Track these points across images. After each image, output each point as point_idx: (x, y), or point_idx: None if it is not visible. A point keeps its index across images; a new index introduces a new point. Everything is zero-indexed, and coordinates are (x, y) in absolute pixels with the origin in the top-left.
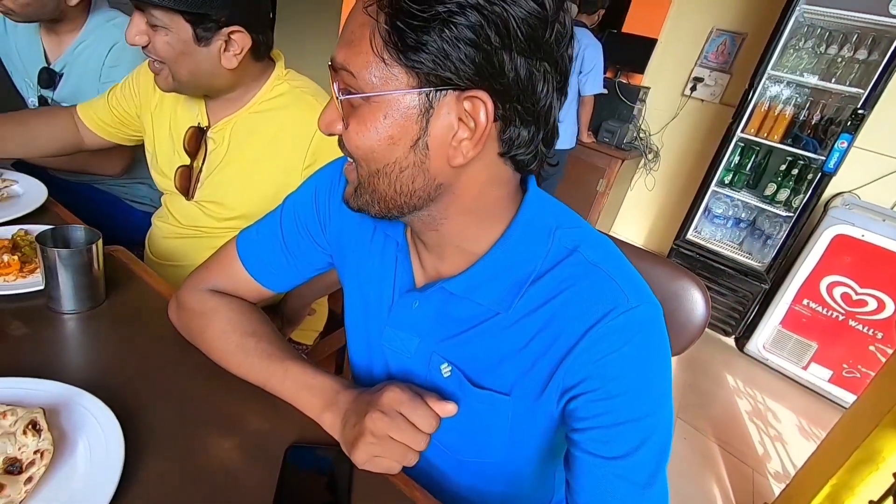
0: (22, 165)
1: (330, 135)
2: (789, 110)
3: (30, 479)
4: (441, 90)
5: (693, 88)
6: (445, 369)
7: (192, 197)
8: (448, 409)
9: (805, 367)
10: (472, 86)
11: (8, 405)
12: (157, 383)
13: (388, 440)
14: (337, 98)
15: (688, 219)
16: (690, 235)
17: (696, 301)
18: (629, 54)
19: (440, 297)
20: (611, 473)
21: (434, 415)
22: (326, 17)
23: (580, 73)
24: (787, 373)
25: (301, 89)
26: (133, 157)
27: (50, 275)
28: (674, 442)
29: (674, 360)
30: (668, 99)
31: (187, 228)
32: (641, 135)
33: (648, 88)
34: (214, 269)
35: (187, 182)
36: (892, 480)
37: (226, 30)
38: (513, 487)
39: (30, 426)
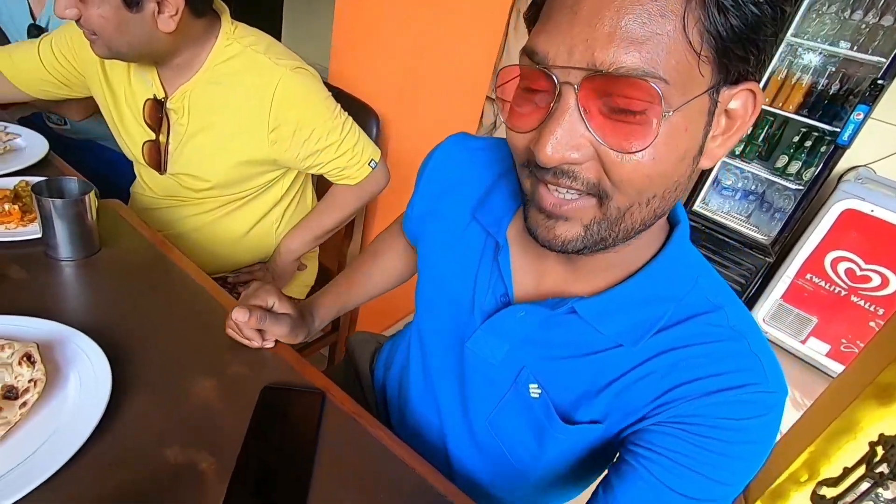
0: (25, 120)
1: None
2: (807, 79)
3: (24, 404)
4: (727, 86)
5: None
6: (535, 390)
7: (165, 171)
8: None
9: (804, 341)
10: (751, 75)
11: (6, 339)
12: (146, 328)
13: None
14: (655, 120)
15: (695, 190)
16: (697, 207)
17: None
18: None
19: (555, 313)
20: (661, 499)
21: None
22: None
23: None
24: (786, 346)
25: (252, 48)
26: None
27: (46, 224)
28: None
29: None
30: None
31: (165, 199)
32: None
33: None
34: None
35: (157, 157)
36: (867, 449)
37: None
38: (526, 488)
39: (25, 358)
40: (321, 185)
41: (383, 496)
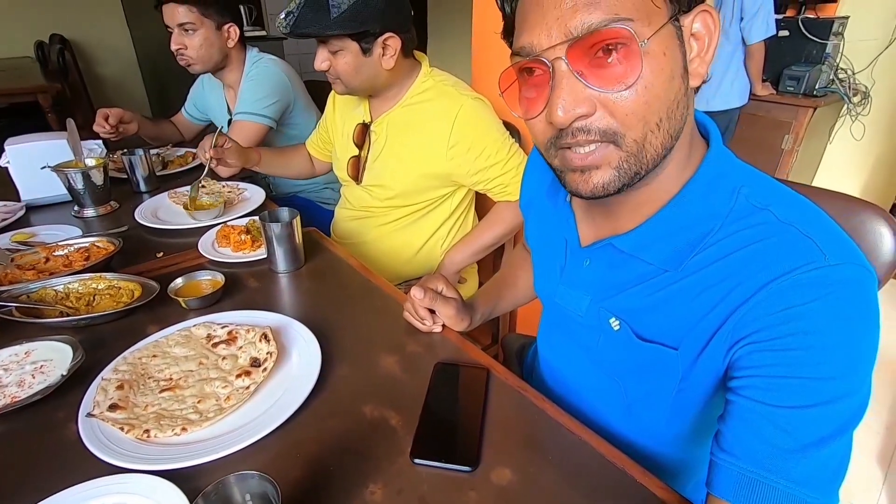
0: (249, 178)
1: (580, 115)
2: None
3: (265, 370)
4: (684, 13)
5: None
6: (614, 323)
7: (361, 182)
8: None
9: None
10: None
11: (249, 325)
12: (342, 317)
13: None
14: (636, 54)
15: None
16: None
17: (881, 236)
18: None
19: (608, 254)
20: (767, 419)
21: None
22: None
23: (741, 19)
24: None
25: (443, 83)
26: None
27: (269, 244)
28: (873, 438)
29: None
30: (877, 26)
31: (358, 210)
32: (841, 75)
33: (846, 18)
34: None
35: (356, 170)
36: None
37: (381, 38)
38: (670, 448)
39: (262, 337)
40: (481, 213)
41: (553, 458)
